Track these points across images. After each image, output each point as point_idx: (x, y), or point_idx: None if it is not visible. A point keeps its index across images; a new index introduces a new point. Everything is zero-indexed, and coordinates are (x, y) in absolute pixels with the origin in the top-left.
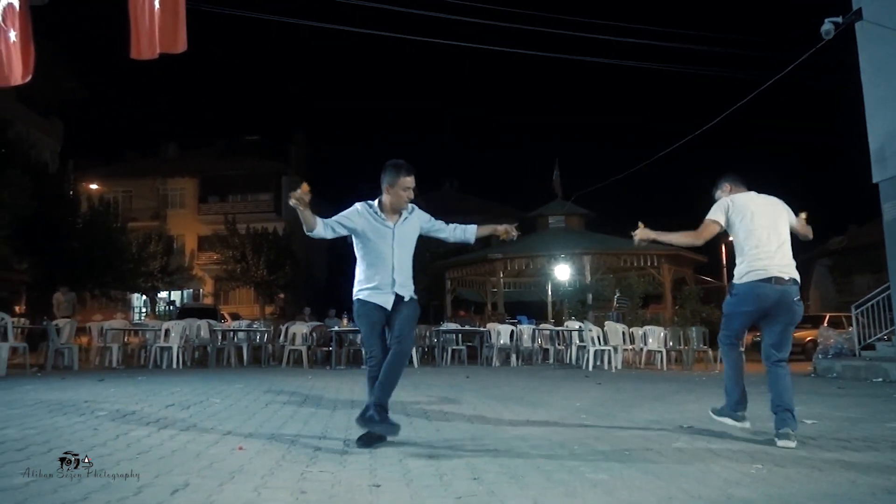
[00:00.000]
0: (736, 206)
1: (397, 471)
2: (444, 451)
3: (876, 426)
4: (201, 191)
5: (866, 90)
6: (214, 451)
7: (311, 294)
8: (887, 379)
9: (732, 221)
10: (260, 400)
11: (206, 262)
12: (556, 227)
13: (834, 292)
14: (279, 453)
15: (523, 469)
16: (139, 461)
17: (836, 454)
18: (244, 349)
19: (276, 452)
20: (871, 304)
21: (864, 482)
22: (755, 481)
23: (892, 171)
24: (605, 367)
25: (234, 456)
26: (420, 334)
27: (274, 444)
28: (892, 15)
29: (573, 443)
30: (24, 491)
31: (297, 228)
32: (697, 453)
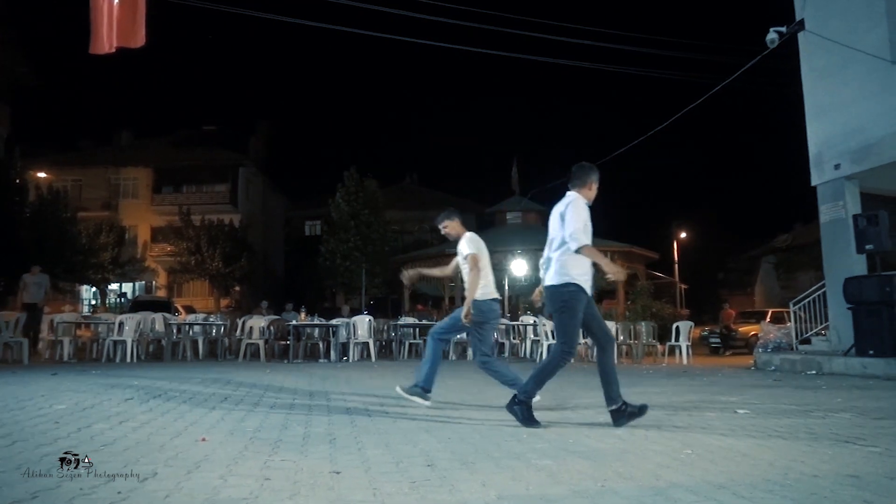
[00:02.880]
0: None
1: (356, 459)
2: (400, 440)
3: (801, 415)
4: (155, 181)
5: (807, 97)
6: (178, 443)
7: (268, 287)
8: (820, 372)
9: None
10: (219, 393)
11: (159, 253)
12: (513, 223)
13: (778, 288)
14: (242, 444)
15: (474, 456)
16: (104, 452)
17: (761, 441)
18: (200, 343)
19: (238, 443)
20: (808, 301)
21: (781, 465)
22: (683, 465)
23: (828, 176)
24: None
25: (198, 447)
26: (378, 328)
27: (236, 436)
28: (832, 26)
29: (522, 432)
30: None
31: (254, 220)
32: (635, 441)
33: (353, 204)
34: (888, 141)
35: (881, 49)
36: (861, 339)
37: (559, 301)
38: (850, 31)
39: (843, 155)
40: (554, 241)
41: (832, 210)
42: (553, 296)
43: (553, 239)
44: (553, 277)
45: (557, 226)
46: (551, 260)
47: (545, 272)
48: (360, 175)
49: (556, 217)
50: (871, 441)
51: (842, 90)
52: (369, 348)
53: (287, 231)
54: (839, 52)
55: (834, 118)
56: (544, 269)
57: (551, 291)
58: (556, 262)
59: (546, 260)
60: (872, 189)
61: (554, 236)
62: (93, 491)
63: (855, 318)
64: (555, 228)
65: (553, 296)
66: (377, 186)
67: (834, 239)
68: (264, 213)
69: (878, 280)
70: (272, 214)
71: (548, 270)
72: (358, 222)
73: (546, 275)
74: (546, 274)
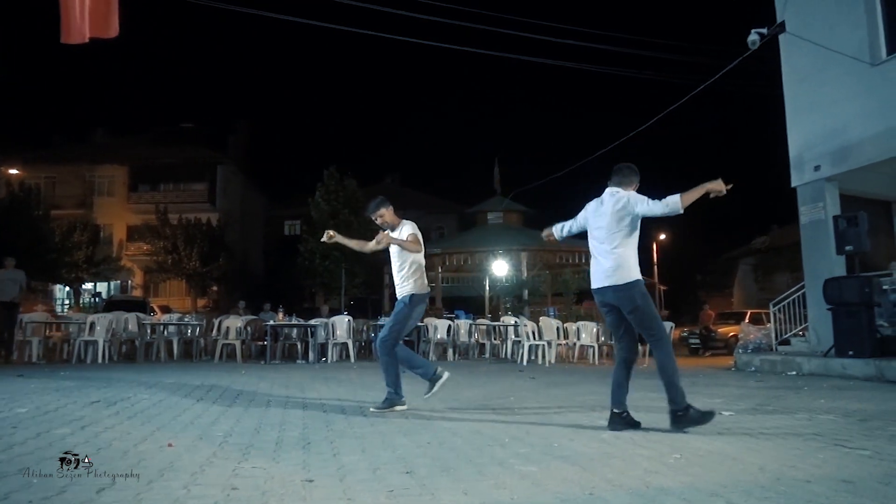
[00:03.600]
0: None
1: (331, 465)
2: (377, 445)
3: (786, 417)
4: (131, 179)
5: (787, 99)
6: (143, 449)
7: (246, 287)
8: (800, 372)
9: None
10: (191, 396)
11: (135, 252)
12: (494, 224)
13: (756, 290)
14: (210, 450)
15: (455, 462)
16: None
17: (749, 444)
18: (175, 343)
19: (207, 449)
20: (787, 302)
21: (772, 469)
22: (672, 470)
23: (808, 177)
24: (539, 361)
25: (164, 453)
26: (357, 329)
27: (205, 441)
28: (813, 28)
29: (505, 436)
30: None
31: (233, 219)
32: (621, 445)
33: (332, 203)
34: (868, 143)
35: (861, 51)
36: (841, 339)
37: (631, 302)
38: (831, 34)
39: (823, 156)
40: (609, 236)
41: (812, 211)
42: (623, 297)
43: (604, 233)
44: (615, 276)
45: (612, 219)
46: (603, 255)
47: (562, 233)
48: (340, 174)
49: (609, 212)
50: (859, 443)
51: (822, 92)
52: (348, 349)
53: (266, 231)
54: (820, 54)
55: (814, 120)
56: (562, 231)
57: (620, 292)
58: (615, 257)
59: (596, 252)
60: (852, 191)
61: (608, 230)
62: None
63: (835, 319)
64: (607, 223)
65: (623, 297)
66: (357, 186)
67: (814, 240)
68: (243, 212)
69: (857, 281)
70: (251, 214)
71: (600, 266)
72: (338, 222)
73: (600, 270)
74: (599, 269)
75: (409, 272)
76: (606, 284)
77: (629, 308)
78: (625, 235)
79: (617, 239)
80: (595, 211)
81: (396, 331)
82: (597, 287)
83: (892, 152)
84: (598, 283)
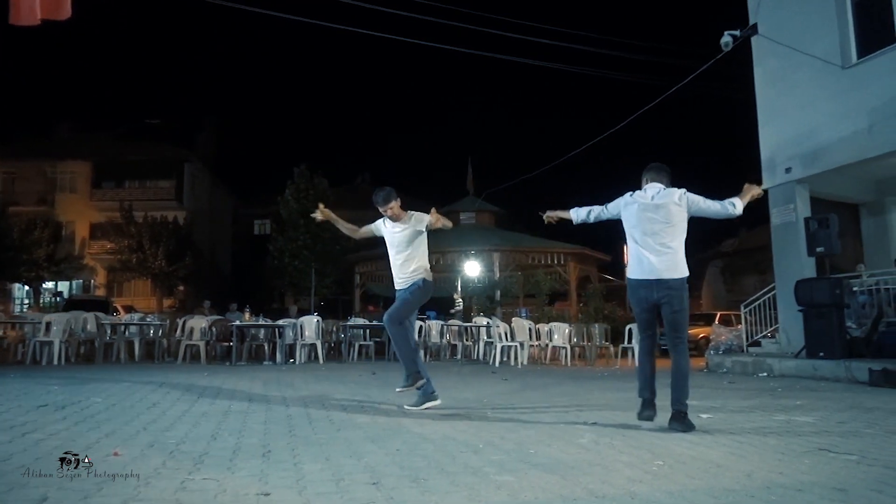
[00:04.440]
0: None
1: (290, 476)
2: (343, 452)
3: (765, 420)
4: (95, 175)
5: (759, 101)
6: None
7: (214, 287)
8: (771, 374)
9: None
10: (147, 399)
11: (98, 251)
12: (466, 224)
13: (724, 292)
14: (160, 459)
15: (426, 471)
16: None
17: (733, 449)
18: (136, 344)
19: (156, 458)
20: (758, 304)
21: (760, 477)
22: (657, 478)
23: (779, 179)
24: (511, 362)
25: (108, 463)
26: (327, 329)
27: (155, 449)
28: (785, 31)
29: (478, 441)
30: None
31: (200, 218)
32: (601, 451)
33: (302, 202)
34: (838, 145)
35: (832, 54)
36: (811, 341)
37: (681, 301)
38: (803, 37)
39: (794, 158)
40: (668, 231)
41: (783, 213)
42: (681, 290)
43: (663, 227)
44: (674, 271)
45: (672, 215)
46: (658, 250)
47: (588, 217)
48: (310, 172)
49: (670, 208)
50: (843, 448)
51: (793, 94)
52: (317, 350)
53: (235, 230)
54: (791, 57)
55: (786, 122)
56: (589, 216)
57: (675, 290)
58: (673, 253)
59: (649, 249)
60: (821, 194)
61: (668, 224)
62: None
63: (805, 321)
64: (666, 217)
65: (681, 290)
66: (328, 185)
67: (784, 242)
68: (211, 210)
69: (828, 283)
70: (220, 212)
71: (653, 261)
72: (308, 220)
73: (654, 265)
74: (653, 263)
75: (421, 261)
76: (662, 278)
77: (678, 306)
78: (682, 232)
79: (677, 235)
80: (645, 204)
81: (408, 307)
82: (649, 279)
83: (860, 155)
84: (651, 276)
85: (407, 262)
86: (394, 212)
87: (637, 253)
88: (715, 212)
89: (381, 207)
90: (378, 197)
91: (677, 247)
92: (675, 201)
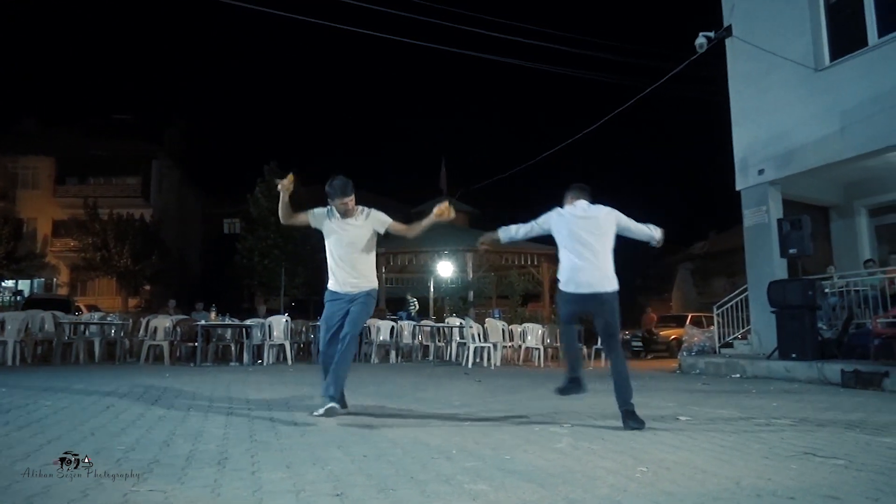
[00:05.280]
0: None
1: (246, 486)
2: (306, 459)
3: (745, 421)
4: (59, 171)
5: (733, 103)
6: (20, 468)
7: (183, 287)
8: (744, 375)
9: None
10: (101, 402)
11: (61, 249)
12: (440, 224)
13: (695, 294)
14: (104, 467)
15: (394, 480)
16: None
17: (716, 454)
18: (96, 344)
19: (100, 466)
20: (729, 305)
21: (749, 484)
22: (642, 486)
23: (752, 181)
24: (484, 364)
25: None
26: (296, 329)
27: (101, 457)
28: (758, 33)
29: (451, 447)
30: None
31: (168, 216)
32: (581, 456)
33: (273, 200)
34: (810, 148)
35: (805, 57)
36: (784, 342)
37: (612, 311)
38: (776, 39)
39: (767, 160)
40: (600, 245)
41: (756, 215)
42: (613, 302)
43: (595, 241)
44: (609, 283)
45: (605, 230)
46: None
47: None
48: (281, 170)
49: (601, 222)
50: (829, 451)
51: (767, 96)
52: (286, 351)
53: (205, 229)
54: (765, 59)
55: (759, 123)
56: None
57: (611, 298)
58: (605, 266)
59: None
60: (792, 196)
61: (599, 239)
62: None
63: (778, 322)
64: (599, 231)
65: (613, 302)
66: (300, 182)
67: (757, 243)
68: (180, 208)
69: (801, 284)
70: (189, 211)
71: (587, 274)
72: (278, 220)
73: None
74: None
75: (372, 266)
76: (596, 292)
77: (611, 318)
78: (611, 245)
79: (607, 247)
80: (576, 216)
81: (364, 321)
82: (583, 294)
83: (832, 157)
84: (585, 290)
85: (361, 264)
86: (350, 205)
87: (571, 265)
88: (639, 231)
89: (339, 199)
90: (334, 187)
91: (608, 259)
92: (605, 214)
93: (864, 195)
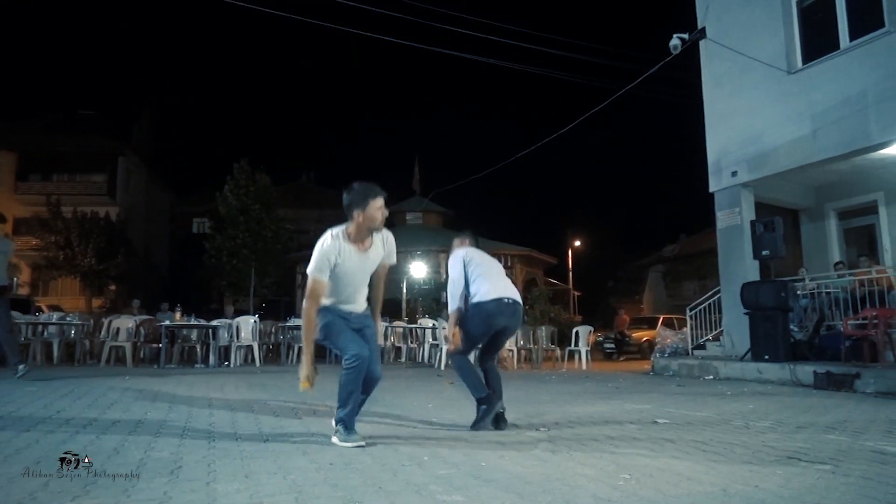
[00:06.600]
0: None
1: (199, 499)
2: (267, 467)
3: (724, 424)
4: (20, 167)
5: (706, 105)
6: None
7: (150, 287)
8: (717, 376)
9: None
10: (50, 407)
11: (22, 247)
12: (413, 224)
13: (666, 296)
14: (41, 481)
15: (362, 491)
16: None
17: (699, 459)
18: (55, 345)
19: (37, 480)
20: (702, 307)
21: (737, 492)
22: (626, 495)
23: (725, 183)
24: None
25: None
26: (265, 331)
27: (42, 465)
28: (732, 35)
29: (423, 454)
30: None
31: (135, 214)
32: (560, 463)
33: (242, 198)
34: (782, 150)
35: (778, 59)
36: (757, 344)
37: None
38: (750, 41)
39: (740, 162)
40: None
41: (728, 216)
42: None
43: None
44: (518, 295)
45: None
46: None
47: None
48: (251, 168)
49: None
50: (813, 456)
51: (740, 98)
52: (254, 352)
53: (173, 228)
54: (738, 61)
55: (732, 125)
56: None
57: (520, 308)
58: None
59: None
60: (764, 198)
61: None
62: None
63: (751, 324)
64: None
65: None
66: (270, 182)
67: (729, 245)
68: (147, 207)
69: (774, 285)
70: (156, 209)
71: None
72: (248, 218)
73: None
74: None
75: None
76: (519, 302)
77: (518, 325)
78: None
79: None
80: (481, 252)
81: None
82: (514, 299)
83: (804, 160)
84: (515, 296)
85: (366, 286)
86: (385, 211)
87: (495, 283)
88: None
89: (373, 200)
90: (367, 195)
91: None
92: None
93: (835, 198)
